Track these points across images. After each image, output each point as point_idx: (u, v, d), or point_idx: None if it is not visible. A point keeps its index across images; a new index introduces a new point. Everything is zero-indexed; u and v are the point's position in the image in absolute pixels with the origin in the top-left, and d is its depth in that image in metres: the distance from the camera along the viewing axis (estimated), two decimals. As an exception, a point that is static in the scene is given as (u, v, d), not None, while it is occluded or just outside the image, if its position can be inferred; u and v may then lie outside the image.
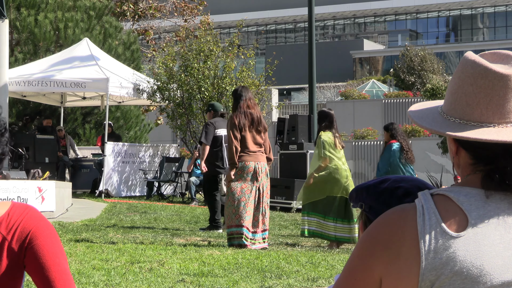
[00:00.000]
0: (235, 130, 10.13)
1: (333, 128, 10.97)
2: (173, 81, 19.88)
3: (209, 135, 12.46)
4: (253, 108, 10.31)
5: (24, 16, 22.62)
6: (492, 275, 1.68)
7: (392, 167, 12.16)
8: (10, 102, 19.89)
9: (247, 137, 10.18)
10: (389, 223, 1.75)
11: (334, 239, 10.83)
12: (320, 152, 10.80)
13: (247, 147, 10.17)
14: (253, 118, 10.24)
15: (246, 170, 10.14)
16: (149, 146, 21.46)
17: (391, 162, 12.19)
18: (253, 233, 10.22)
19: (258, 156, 10.24)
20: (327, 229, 10.82)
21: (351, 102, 46.19)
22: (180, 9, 30.69)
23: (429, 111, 1.86)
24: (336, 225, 10.78)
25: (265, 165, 10.29)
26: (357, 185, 2.25)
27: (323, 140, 10.81)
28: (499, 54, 1.81)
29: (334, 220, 10.78)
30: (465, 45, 69.86)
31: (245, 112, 10.22)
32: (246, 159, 10.16)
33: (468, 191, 1.75)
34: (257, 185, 10.16)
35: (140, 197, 20.10)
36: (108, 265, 8.34)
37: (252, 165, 10.15)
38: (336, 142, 10.87)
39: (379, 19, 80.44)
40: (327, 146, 10.79)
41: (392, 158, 12.22)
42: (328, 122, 11.00)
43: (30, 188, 13.69)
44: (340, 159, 10.90)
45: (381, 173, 12.24)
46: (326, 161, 10.79)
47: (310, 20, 20.99)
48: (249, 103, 10.29)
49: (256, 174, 10.15)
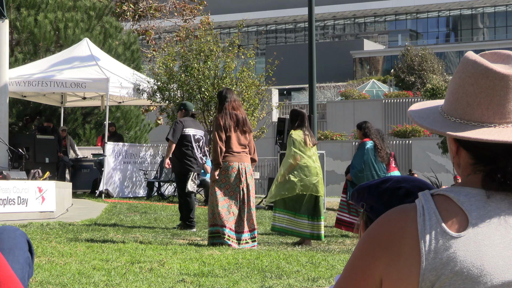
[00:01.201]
0: (220, 130, 10.27)
1: (304, 126, 11.20)
2: (173, 81, 19.88)
3: (176, 132, 12.69)
4: (238, 109, 10.45)
5: (24, 16, 22.62)
6: (492, 275, 1.68)
7: (365, 165, 12.32)
8: (10, 102, 19.89)
9: (232, 137, 10.31)
10: (390, 223, 1.75)
11: (307, 236, 11.08)
12: (290, 151, 11.03)
13: (231, 147, 10.30)
14: (238, 119, 10.38)
15: (230, 171, 10.27)
16: (149, 146, 21.46)
17: (365, 160, 12.35)
18: (239, 233, 10.33)
19: (242, 156, 10.38)
20: (300, 226, 11.06)
21: (351, 102, 46.20)
22: (180, 9, 30.69)
23: (429, 110, 1.86)
24: (309, 222, 11.05)
25: (249, 165, 10.44)
26: (359, 185, 2.25)
27: (293, 139, 11.05)
28: (500, 54, 1.81)
29: (307, 217, 11.04)
30: (465, 45, 69.89)
31: (230, 113, 10.36)
32: (230, 159, 10.29)
33: (468, 191, 1.75)
34: (241, 186, 10.30)
35: (141, 197, 20.11)
36: (109, 265, 8.34)
37: (236, 165, 10.29)
38: (306, 140, 11.09)
39: (379, 19, 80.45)
40: (297, 144, 11.02)
41: (366, 156, 12.39)
42: (300, 121, 11.22)
43: (30, 188, 13.69)
44: (311, 157, 11.12)
45: (355, 171, 12.44)
46: (296, 159, 10.99)
47: (310, 20, 20.99)
48: (234, 104, 10.43)
49: (239, 174, 10.28)
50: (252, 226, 10.42)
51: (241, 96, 19.57)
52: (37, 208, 13.74)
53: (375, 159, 12.40)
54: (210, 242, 10.33)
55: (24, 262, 2.13)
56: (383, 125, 43.32)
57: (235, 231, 10.31)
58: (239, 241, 10.30)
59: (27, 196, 13.56)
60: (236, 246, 10.20)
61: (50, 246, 9.77)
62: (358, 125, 12.86)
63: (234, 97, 10.55)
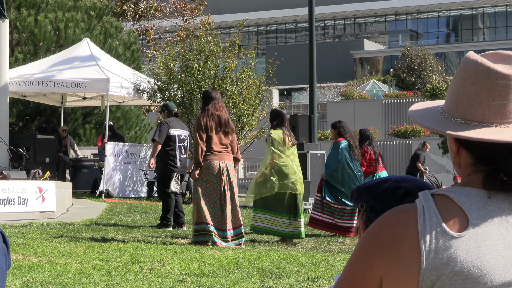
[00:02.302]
0: (201, 131, 10.44)
1: (284, 126, 11.31)
2: (174, 81, 19.88)
3: (162, 133, 12.83)
4: (221, 111, 10.60)
5: (24, 16, 22.61)
6: (492, 275, 1.68)
7: (340, 164, 12.39)
8: (11, 102, 19.89)
9: (213, 138, 10.46)
10: (390, 223, 1.75)
11: (288, 235, 11.22)
12: (269, 150, 11.14)
13: (212, 147, 10.46)
14: (220, 120, 10.53)
15: (211, 169, 10.43)
16: (150, 146, 21.45)
17: (339, 159, 12.42)
18: (223, 231, 10.44)
19: (224, 155, 10.52)
20: (280, 225, 11.19)
21: (351, 102, 46.19)
22: (180, 9, 30.69)
23: (430, 110, 1.86)
24: (290, 222, 11.18)
25: (231, 164, 10.57)
26: (358, 185, 2.25)
27: (272, 138, 11.17)
28: (501, 55, 1.81)
29: (288, 217, 11.17)
30: (466, 45, 69.86)
31: (212, 114, 10.50)
32: (211, 158, 10.46)
33: (468, 191, 1.75)
34: (222, 184, 10.43)
35: (141, 197, 20.11)
36: (109, 265, 8.34)
37: (217, 164, 10.45)
38: (286, 139, 11.20)
39: (379, 19, 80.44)
40: (276, 144, 11.15)
41: (340, 156, 12.46)
42: (279, 120, 11.33)
43: (31, 188, 13.69)
44: (289, 156, 11.23)
45: (329, 171, 12.52)
46: (274, 158, 11.10)
47: (310, 20, 21.00)
48: (217, 105, 10.58)
49: (220, 173, 10.43)
50: (237, 223, 10.54)
51: (242, 96, 19.57)
52: (37, 208, 13.74)
53: (350, 158, 12.49)
54: (193, 240, 10.49)
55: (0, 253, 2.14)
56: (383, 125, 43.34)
57: (218, 229, 10.45)
58: (224, 238, 10.43)
59: (27, 196, 13.56)
60: (221, 244, 10.30)
61: (50, 246, 9.77)
62: (333, 125, 12.99)
63: (218, 98, 10.70)
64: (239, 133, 19.67)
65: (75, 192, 17.90)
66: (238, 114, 19.33)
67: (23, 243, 10.00)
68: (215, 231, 10.36)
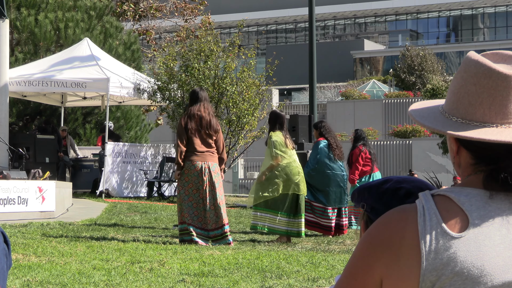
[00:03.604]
0: (181, 132, 10.49)
1: (283, 129, 11.38)
2: (174, 81, 19.88)
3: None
4: (204, 112, 10.58)
5: (24, 16, 22.61)
6: (493, 276, 1.67)
7: (319, 164, 12.42)
8: (11, 102, 19.89)
9: (194, 139, 10.49)
10: (390, 223, 1.75)
11: (285, 233, 11.26)
12: (271, 152, 11.13)
13: (194, 148, 10.50)
14: (201, 121, 10.53)
15: (192, 170, 10.47)
16: (150, 146, 21.47)
17: (318, 159, 12.44)
18: (205, 230, 10.51)
19: (207, 156, 10.54)
20: (279, 224, 11.22)
21: (351, 102, 46.19)
22: (180, 9, 30.69)
23: (430, 110, 1.86)
24: (288, 220, 11.21)
25: (214, 164, 10.58)
26: (359, 186, 2.25)
27: (274, 140, 11.17)
28: (501, 55, 1.81)
29: (288, 215, 11.21)
30: (466, 45, 69.89)
31: (193, 115, 10.52)
32: (193, 158, 10.49)
33: (469, 192, 1.75)
34: (204, 185, 10.46)
35: (141, 197, 20.10)
36: (109, 265, 8.34)
37: (199, 164, 10.48)
38: (286, 142, 11.25)
39: (379, 19, 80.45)
40: (278, 146, 11.16)
41: (319, 155, 12.48)
42: (279, 123, 11.37)
43: (31, 188, 13.69)
44: (291, 157, 11.28)
45: (308, 170, 12.53)
46: (277, 160, 11.14)
47: (310, 20, 20.99)
48: (201, 107, 10.58)
49: (202, 173, 10.46)
50: (220, 223, 10.56)
51: (242, 96, 19.58)
52: (37, 208, 13.74)
53: (329, 158, 12.51)
54: (180, 239, 10.59)
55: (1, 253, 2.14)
56: (383, 125, 43.35)
57: (201, 228, 10.50)
58: (207, 238, 10.48)
59: (27, 196, 13.56)
60: (203, 244, 10.36)
61: (50, 246, 9.77)
62: (314, 125, 13.06)
63: (205, 99, 10.70)
64: (239, 133, 19.67)
65: (75, 192, 17.90)
66: (238, 114, 19.33)
67: (23, 243, 10.00)
68: (196, 230, 10.45)
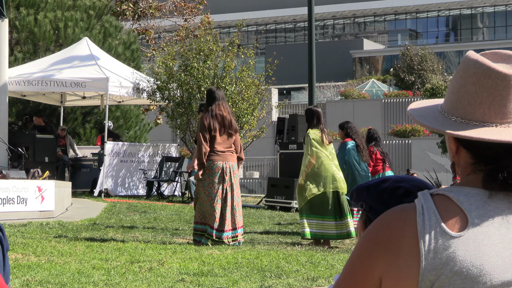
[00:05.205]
0: (205, 131, 10.41)
1: (321, 124, 11.29)
2: (173, 80, 19.87)
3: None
4: (224, 111, 10.55)
5: (24, 16, 22.60)
6: (492, 275, 1.67)
7: (347, 165, 12.32)
8: (10, 102, 19.88)
9: (216, 138, 10.44)
10: (389, 223, 1.75)
11: (336, 237, 11.03)
12: (307, 150, 11.10)
13: (215, 147, 10.44)
14: (224, 120, 10.50)
15: (213, 170, 10.41)
16: (149, 146, 21.46)
17: (346, 160, 12.36)
18: (220, 231, 10.45)
19: (227, 156, 10.51)
20: (328, 228, 10.99)
21: (351, 101, 46.17)
22: (180, 8, 30.69)
23: (429, 109, 1.86)
24: (336, 223, 10.99)
25: (234, 165, 10.56)
26: (358, 185, 2.24)
27: (311, 138, 11.12)
28: (500, 54, 1.81)
29: (334, 218, 10.99)
30: (465, 44, 69.89)
31: (216, 115, 10.47)
32: (214, 158, 10.44)
33: (468, 191, 1.75)
34: (225, 185, 10.43)
35: (140, 196, 20.10)
36: (108, 264, 8.34)
37: (220, 164, 10.43)
38: (323, 138, 11.16)
39: (379, 19, 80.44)
40: (314, 143, 11.10)
41: (347, 157, 12.40)
42: (316, 119, 11.31)
43: (30, 187, 13.69)
44: (328, 156, 11.16)
45: None
46: (313, 158, 11.04)
47: (310, 20, 20.99)
48: (221, 106, 10.54)
49: (223, 173, 10.42)
50: (234, 225, 10.54)
51: (241, 96, 19.57)
52: (36, 208, 13.73)
53: (357, 159, 12.42)
54: (193, 238, 10.53)
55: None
56: (383, 125, 43.33)
57: (217, 230, 10.45)
58: (219, 239, 10.43)
59: (26, 196, 13.55)
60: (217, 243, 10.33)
61: (49, 246, 9.77)
62: (340, 125, 12.93)
63: (222, 98, 10.65)
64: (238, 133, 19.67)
65: (74, 192, 17.89)
66: (238, 113, 19.32)
67: (23, 242, 10.00)
68: (211, 231, 10.37)
